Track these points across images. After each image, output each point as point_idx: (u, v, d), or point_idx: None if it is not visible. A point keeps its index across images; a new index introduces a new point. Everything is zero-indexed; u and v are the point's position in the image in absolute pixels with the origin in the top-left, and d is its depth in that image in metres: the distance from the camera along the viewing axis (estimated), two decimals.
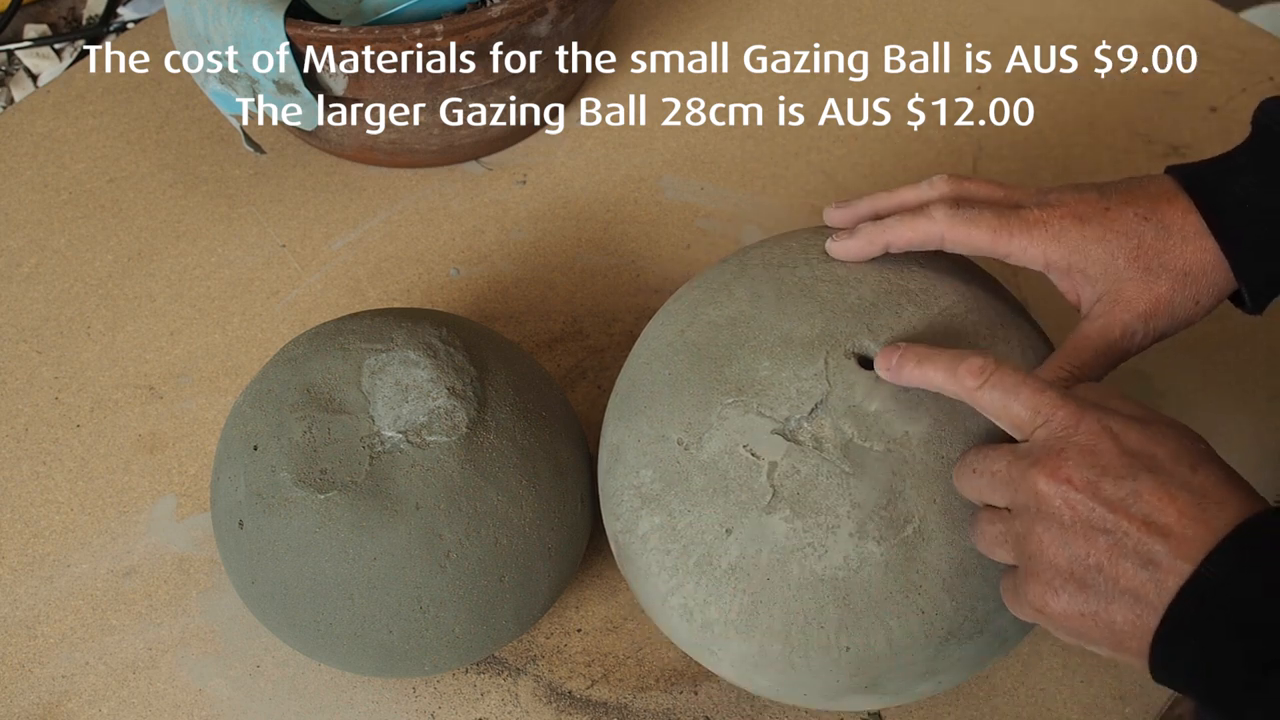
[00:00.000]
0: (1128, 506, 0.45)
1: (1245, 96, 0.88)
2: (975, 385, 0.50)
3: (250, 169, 0.84)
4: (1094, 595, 0.46)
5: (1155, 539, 0.45)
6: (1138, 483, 0.45)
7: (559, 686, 0.65)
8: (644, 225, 0.82)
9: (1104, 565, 0.45)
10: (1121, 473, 0.46)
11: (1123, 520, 0.45)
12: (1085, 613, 0.46)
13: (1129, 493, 0.45)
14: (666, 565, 0.56)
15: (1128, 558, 0.45)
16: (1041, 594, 0.48)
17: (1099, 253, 0.54)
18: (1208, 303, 0.55)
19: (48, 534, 0.70)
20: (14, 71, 0.92)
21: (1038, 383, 0.49)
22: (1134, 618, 0.45)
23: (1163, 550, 0.44)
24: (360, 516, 0.56)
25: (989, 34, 0.92)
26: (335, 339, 0.61)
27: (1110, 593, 0.46)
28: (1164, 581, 0.44)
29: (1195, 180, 0.55)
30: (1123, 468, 0.46)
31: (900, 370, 0.53)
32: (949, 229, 0.56)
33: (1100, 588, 0.46)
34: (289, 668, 0.65)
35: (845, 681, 0.54)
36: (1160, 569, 0.44)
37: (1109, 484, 0.46)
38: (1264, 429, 0.74)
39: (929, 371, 0.52)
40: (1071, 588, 0.46)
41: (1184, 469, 0.46)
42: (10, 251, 0.80)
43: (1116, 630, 0.46)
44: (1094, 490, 0.46)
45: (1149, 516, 0.45)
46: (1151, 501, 0.45)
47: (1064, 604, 0.47)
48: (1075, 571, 0.46)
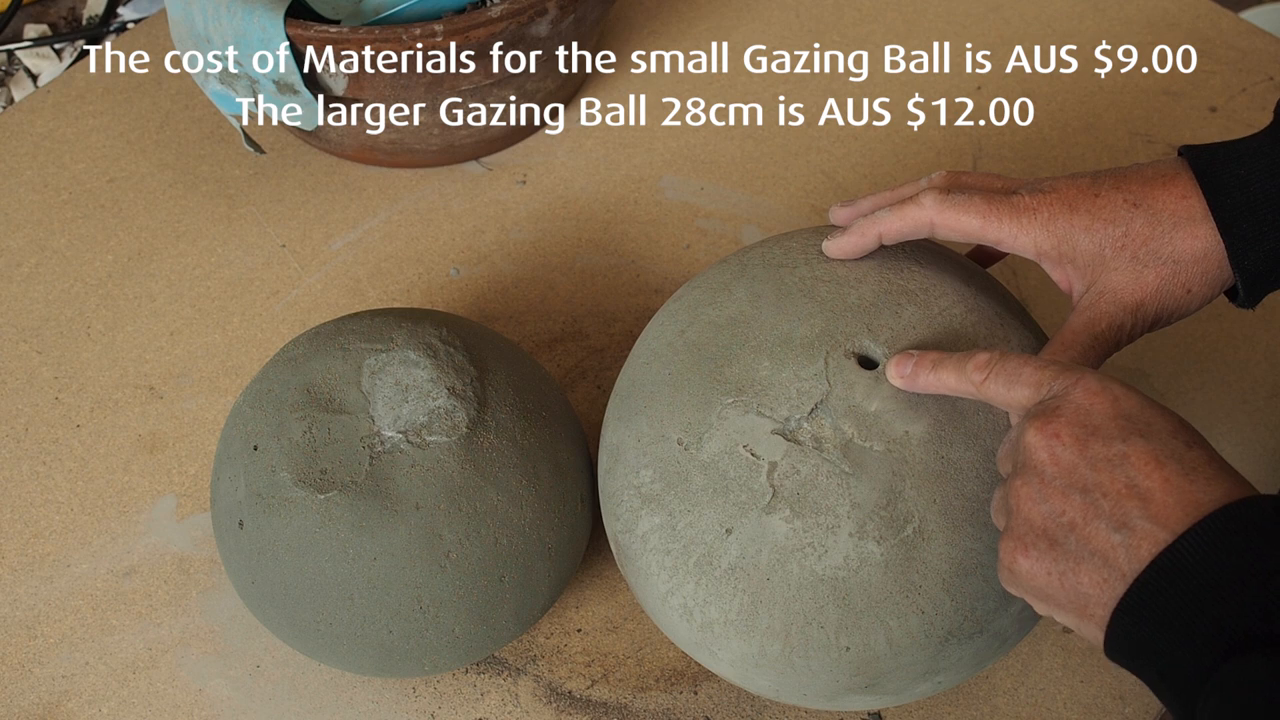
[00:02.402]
0: (1113, 467, 0.44)
1: (1245, 96, 0.88)
2: (981, 378, 0.50)
3: (250, 169, 0.84)
4: (1063, 555, 0.45)
5: (1134, 503, 0.43)
6: (1127, 445, 0.44)
7: (559, 686, 0.65)
8: (644, 225, 0.82)
9: (1077, 524, 0.44)
10: (1112, 433, 0.45)
11: (1104, 479, 0.44)
12: (1052, 572, 0.45)
13: (1116, 454, 0.44)
14: (666, 565, 0.56)
15: (1102, 518, 0.44)
16: (1012, 550, 0.47)
17: (1086, 242, 0.54)
18: (1201, 291, 0.54)
19: (48, 534, 0.70)
20: (14, 71, 0.92)
21: (1039, 360, 0.49)
22: (1101, 582, 0.44)
23: (1140, 515, 0.43)
24: (360, 516, 0.56)
25: (989, 34, 0.92)
26: (335, 339, 0.62)
27: (1080, 553, 0.44)
28: (1136, 548, 0.43)
29: (1203, 160, 0.54)
30: (1115, 429, 0.45)
31: (916, 378, 0.53)
32: (938, 214, 0.55)
33: (1070, 547, 0.44)
34: (289, 668, 0.65)
35: (845, 681, 0.54)
36: (1134, 534, 0.43)
37: (1098, 443, 0.45)
38: (1263, 428, 0.74)
39: (943, 376, 0.52)
40: (1043, 545, 0.45)
41: (1178, 442, 0.44)
42: (10, 251, 0.80)
43: (1082, 594, 0.44)
44: (1081, 447, 0.45)
45: (1132, 480, 0.44)
46: (1138, 465, 0.44)
47: (1032, 562, 0.46)
48: (1048, 528, 0.45)
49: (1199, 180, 0.53)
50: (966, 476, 0.54)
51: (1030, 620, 0.56)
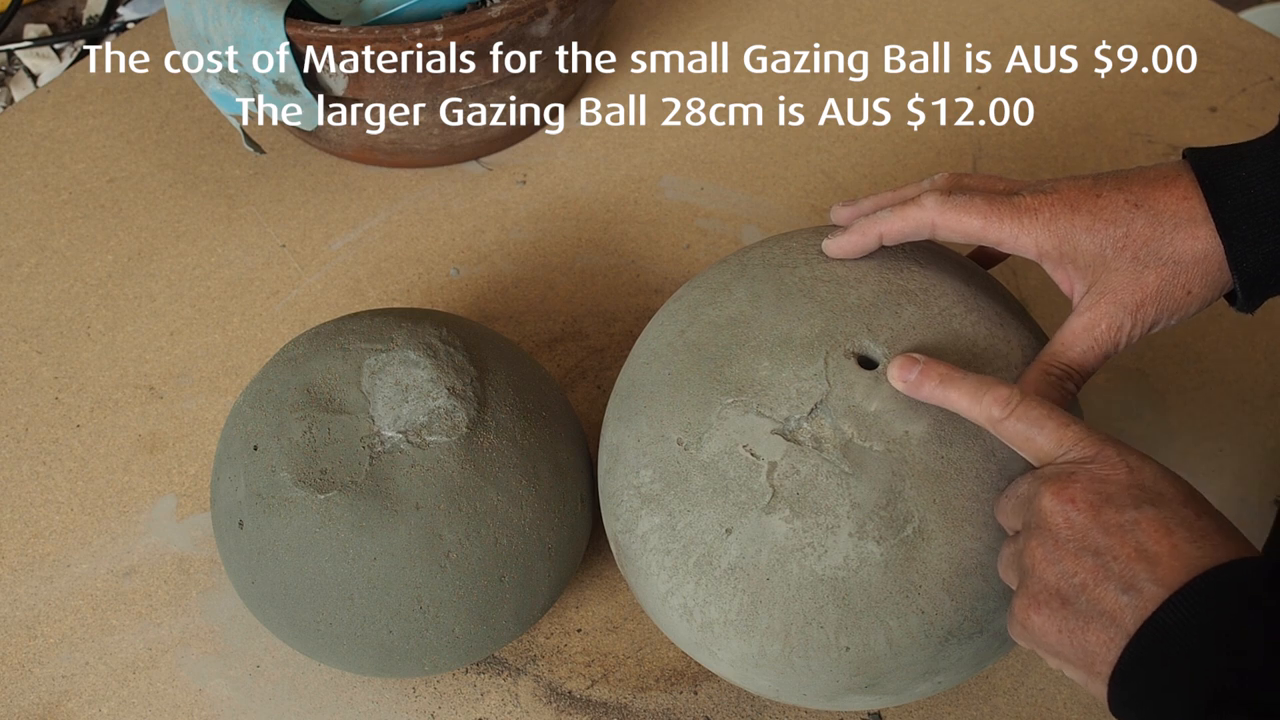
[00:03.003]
0: (1124, 532, 0.45)
1: (1245, 96, 0.88)
2: (1002, 416, 0.50)
3: (250, 169, 0.84)
4: (1073, 614, 0.46)
5: (1142, 566, 0.45)
6: (1139, 512, 0.46)
7: (559, 686, 0.65)
8: (644, 225, 0.82)
9: (1088, 584, 0.46)
10: (1125, 501, 0.46)
11: (1115, 544, 0.45)
12: (1063, 629, 0.46)
13: (1129, 520, 0.45)
14: (666, 565, 0.56)
15: (1112, 580, 0.45)
16: (1026, 608, 0.48)
17: (1088, 242, 0.54)
18: (1201, 293, 0.54)
19: (48, 534, 0.70)
20: (14, 71, 0.92)
21: (1064, 416, 0.50)
22: (1108, 641, 0.45)
23: (1147, 578, 0.44)
24: (360, 516, 0.56)
25: (989, 34, 0.92)
26: (335, 339, 0.62)
27: (1089, 613, 0.46)
28: (1141, 608, 0.44)
29: (1205, 162, 0.54)
30: (1129, 497, 0.46)
31: (920, 386, 0.53)
32: (939, 215, 0.55)
33: (1081, 606, 0.46)
34: (289, 668, 0.65)
35: (845, 681, 0.54)
36: (1141, 595, 0.44)
37: (1111, 510, 0.46)
38: (1263, 428, 0.74)
39: (951, 394, 0.52)
40: (1055, 603, 0.47)
41: (1189, 511, 0.46)
42: (10, 251, 0.80)
43: (1089, 652, 0.46)
44: (1095, 513, 0.46)
45: (1142, 545, 0.45)
46: (1149, 532, 0.45)
47: (1044, 619, 0.47)
48: (1060, 588, 0.46)
49: (1200, 182, 0.53)
50: (966, 476, 0.54)
51: None
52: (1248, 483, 0.71)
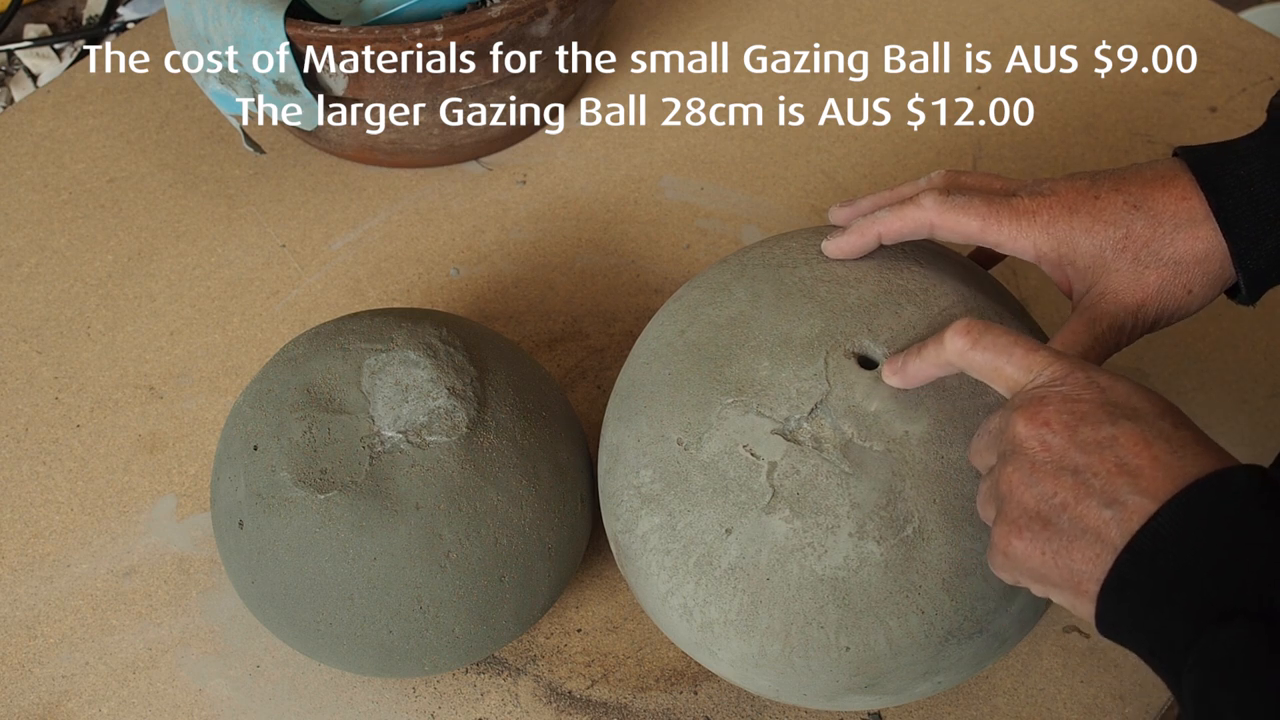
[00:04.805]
0: (1102, 449, 0.44)
1: (1245, 96, 0.88)
2: (966, 345, 0.50)
3: (250, 169, 0.84)
4: (1056, 534, 0.45)
5: (1124, 479, 0.44)
6: (1116, 428, 0.45)
7: (559, 686, 0.65)
8: (644, 225, 0.82)
9: (1069, 503, 0.45)
10: (1101, 418, 0.45)
11: (1094, 461, 0.44)
12: (1046, 551, 0.46)
13: (1106, 437, 0.45)
14: (666, 565, 0.56)
15: (1094, 496, 0.44)
16: (1005, 534, 0.47)
17: (1087, 244, 0.54)
18: (1201, 292, 0.54)
19: (48, 534, 0.70)
20: (14, 71, 0.92)
21: (1030, 342, 0.49)
22: (1094, 558, 0.44)
23: (1130, 490, 0.43)
24: (360, 516, 0.56)
25: (989, 34, 0.92)
26: (335, 339, 0.62)
27: (1073, 531, 0.45)
28: (1127, 522, 0.43)
29: (1202, 161, 0.54)
30: (1103, 414, 0.45)
31: (905, 369, 0.53)
32: (938, 215, 0.55)
33: (1063, 526, 0.45)
34: (289, 668, 0.65)
35: (845, 681, 0.54)
36: (1125, 509, 0.43)
37: (1087, 428, 0.45)
38: (1263, 428, 0.74)
39: (926, 353, 0.52)
40: (1036, 526, 0.46)
41: (1166, 423, 0.45)
42: (10, 251, 0.80)
43: (1075, 572, 0.45)
44: (1071, 433, 0.45)
45: (1122, 459, 0.44)
46: (1127, 446, 0.44)
47: (1026, 543, 0.46)
48: (1041, 510, 0.46)
49: (1199, 182, 0.53)
50: (966, 476, 0.54)
51: (1030, 620, 0.56)
52: None
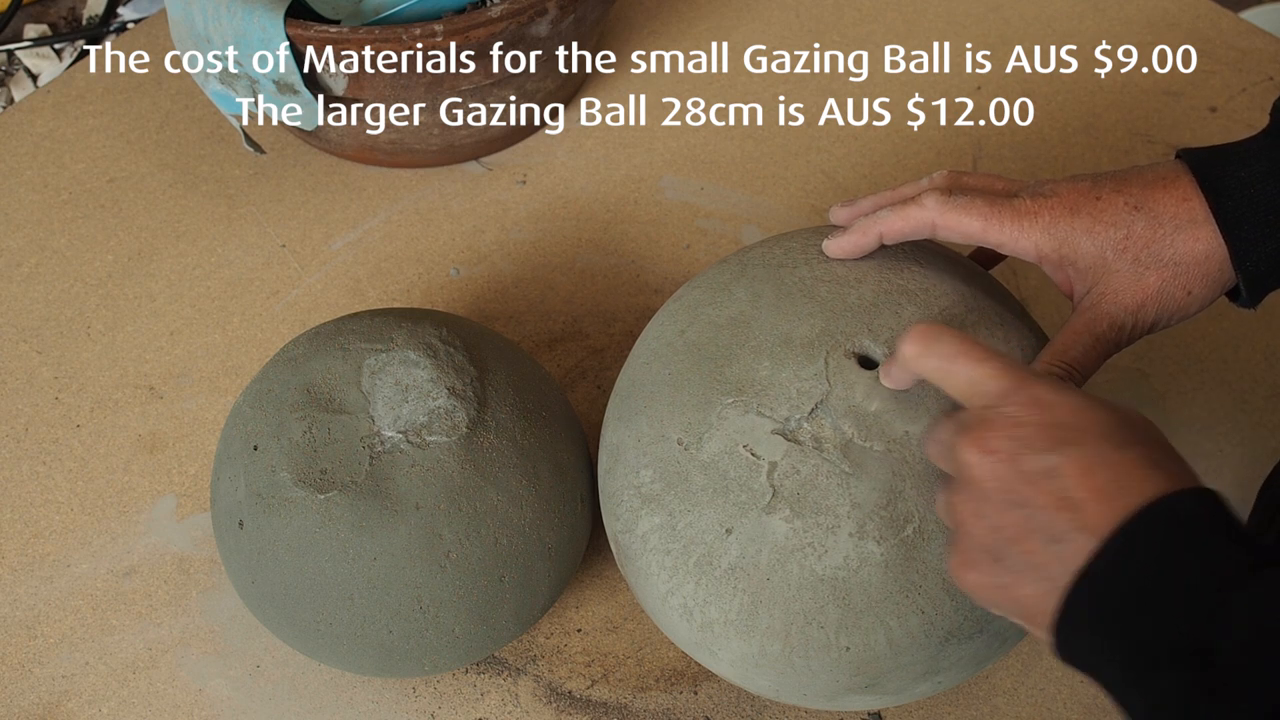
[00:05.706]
0: (1045, 480, 0.44)
1: (1245, 96, 0.88)
2: (917, 351, 0.49)
3: (250, 169, 0.84)
4: (1004, 570, 0.45)
5: (1066, 515, 0.43)
6: (1059, 456, 0.44)
7: (559, 686, 0.65)
8: (644, 225, 0.82)
9: (1017, 538, 0.45)
10: (1043, 446, 0.45)
11: (1038, 494, 0.44)
12: (996, 585, 0.46)
13: (1048, 467, 0.44)
14: (666, 565, 0.56)
15: (1038, 532, 0.44)
16: (960, 566, 0.47)
17: (1088, 245, 0.54)
18: (1201, 294, 0.54)
19: (48, 534, 0.70)
20: (14, 71, 0.92)
21: (978, 351, 0.48)
22: (1041, 595, 0.44)
23: (1070, 526, 0.43)
24: (360, 516, 0.56)
25: (989, 34, 0.92)
26: (335, 339, 0.62)
27: (1020, 567, 0.45)
28: (1070, 560, 0.43)
29: (1203, 163, 0.54)
30: (1046, 441, 0.45)
31: (889, 373, 0.53)
32: (940, 216, 0.55)
33: (1011, 561, 0.45)
34: (289, 668, 0.65)
35: (845, 681, 0.54)
36: (1067, 546, 0.43)
37: (1030, 457, 0.45)
38: (1263, 428, 0.74)
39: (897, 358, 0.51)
40: (986, 560, 0.46)
41: (1109, 446, 0.44)
42: (10, 251, 0.80)
43: (1025, 605, 0.45)
44: (1014, 462, 0.45)
45: (1063, 492, 0.44)
46: (1070, 476, 0.44)
47: (978, 576, 0.46)
48: (989, 544, 0.46)
49: (1200, 184, 0.53)
50: None
51: None
52: (1248, 483, 0.71)
